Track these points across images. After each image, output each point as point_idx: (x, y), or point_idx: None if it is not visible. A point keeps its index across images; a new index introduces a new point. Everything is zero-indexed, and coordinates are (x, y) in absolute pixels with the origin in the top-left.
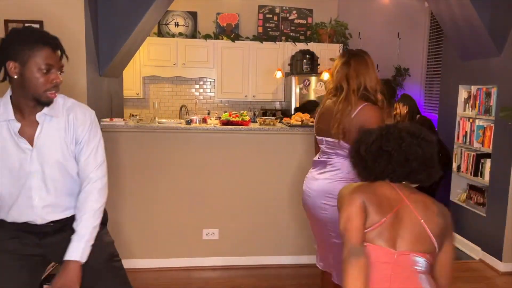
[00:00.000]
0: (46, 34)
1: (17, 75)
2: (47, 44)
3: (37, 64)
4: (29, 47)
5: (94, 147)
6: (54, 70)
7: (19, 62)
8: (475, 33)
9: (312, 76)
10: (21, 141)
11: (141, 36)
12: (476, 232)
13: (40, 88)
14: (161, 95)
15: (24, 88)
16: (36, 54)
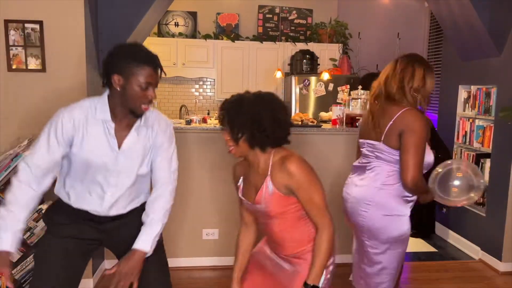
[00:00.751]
0: (150, 53)
1: (120, 87)
2: (150, 64)
3: (139, 81)
4: (135, 64)
5: (171, 153)
6: (151, 87)
7: (124, 77)
8: (475, 33)
9: (312, 76)
10: (112, 141)
11: (141, 36)
12: (476, 232)
13: (137, 102)
14: (161, 95)
15: (123, 99)
16: (140, 72)
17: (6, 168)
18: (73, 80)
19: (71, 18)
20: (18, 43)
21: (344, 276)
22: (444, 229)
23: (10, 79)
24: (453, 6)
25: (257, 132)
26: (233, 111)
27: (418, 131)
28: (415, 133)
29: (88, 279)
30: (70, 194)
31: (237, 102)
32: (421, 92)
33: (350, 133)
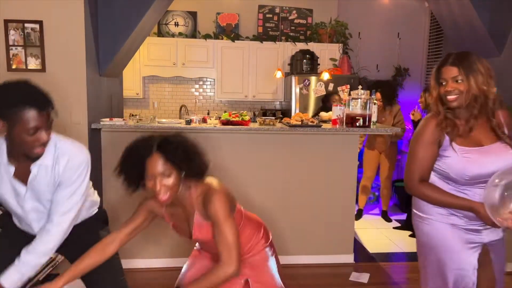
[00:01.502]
0: (34, 93)
1: (6, 132)
2: (33, 106)
3: (24, 127)
4: (15, 109)
5: (70, 192)
6: (41, 130)
7: (7, 122)
8: (475, 33)
9: (312, 76)
10: (15, 183)
11: (141, 36)
12: None
13: (28, 147)
14: (161, 95)
15: (13, 144)
16: (23, 117)
17: None
18: (73, 80)
19: (71, 18)
20: (18, 43)
21: (344, 276)
22: None
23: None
24: (453, 6)
25: (193, 166)
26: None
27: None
28: None
29: None
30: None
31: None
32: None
33: (350, 133)
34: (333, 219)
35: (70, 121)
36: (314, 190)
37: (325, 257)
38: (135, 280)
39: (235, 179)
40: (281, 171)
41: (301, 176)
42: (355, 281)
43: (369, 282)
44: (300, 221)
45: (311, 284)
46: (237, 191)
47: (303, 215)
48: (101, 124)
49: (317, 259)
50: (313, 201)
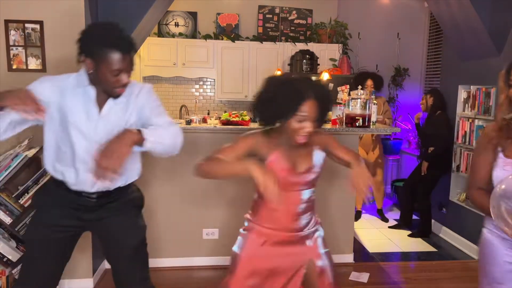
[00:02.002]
0: (121, 36)
1: (92, 70)
2: (119, 49)
3: (109, 68)
4: (104, 49)
5: (158, 110)
6: (123, 73)
7: (94, 61)
8: (475, 33)
9: (312, 76)
10: (92, 106)
11: (141, 36)
12: (476, 232)
13: (110, 86)
14: (161, 95)
15: (96, 81)
16: (109, 58)
17: (6, 168)
18: None
19: (71, 18)
20: (18, 43)
21: (344, 275)
22: (444, 229)
23: (10, 79)
24: (453, 6)
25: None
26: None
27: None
28: None
29: (88, 279)
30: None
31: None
32: None
33: (350, 133)
34: (332, 219)
35: None
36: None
37: None
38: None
39: (235, 179)
40: None
41: None
42: (355, 280)
43: (369, 281)
44: None
45: None
46: (237, 191)
47: None
48: None
49: None
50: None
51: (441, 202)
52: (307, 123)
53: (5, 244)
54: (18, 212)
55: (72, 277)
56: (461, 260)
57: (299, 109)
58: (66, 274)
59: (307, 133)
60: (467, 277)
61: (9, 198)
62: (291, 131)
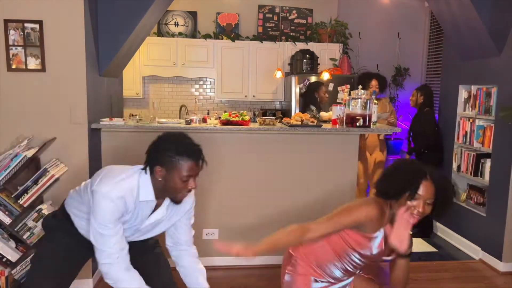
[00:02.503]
0: (193, 147)
1: (162, 178)
2: (192, 158)
3: (180, 175)
4: (177, 158)
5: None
6: (192, 179)
7: (166, 169)
8: (475, 33)
9: (312, 76)
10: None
11: (141, 35)
12: (476, 232)
13: (177, 192)
14: (161, 95)
15: (164, 188)
16: (182, 166)
17: (6, 168)
18: (73, 80)
19: (71, 18)
20: (17, 43)
21: None
22: (444, 229)
23: (10, 79)
24: (453, 6)
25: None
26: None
27: None
28: None
29: (88, 279)
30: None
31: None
32: None
33: (350, 133)
34: None
35: (70, 121)
36: (314, 189)
37: None
38: None
39: (235, 179)
40: (281, 171)
41: (301, 176)
42: None
43: None
44: (300, 220)
45: None
46: (237, 191)
47: (303, 214)
48: (101, 124)
49: None
50: (313, 200)
51: None
52: (420, 203)
53: (4, 245)
54: (18, 212)
55: None
56: (461, 260)
57: (419, 187)
58: None
59: (420, 215)
60: (467, 277)
61: (9, 198)
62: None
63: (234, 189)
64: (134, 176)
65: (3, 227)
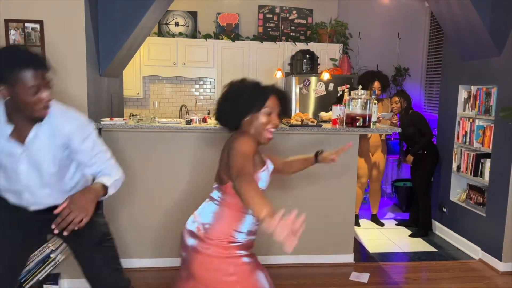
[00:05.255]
0: (28, 54)
1: (8, 96)
2: (29, 66)
3: (25, 87)
4: (13, 71)
5: (91, 147)
6: (41, 90)
7: (8, 85)
8: (475, 33)
9: (312, 76)
10: (11, 143)
11: (141, 35)
12: (476, 232)
13: (31, 107)
14: (161, 95)
15: (16, 106)
16: (22, 77)
17: None
18: (74, 80)
19: (72, 18)
20: (18, 43)
21: (344, 275)
22: (444, 229)
23: None
24: (453, 6)
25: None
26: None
27: None
28: None
29: None
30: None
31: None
32: None
33: (350, 133)
34: (333, 219)
35: None
36: (314, 189)
37: (325, 257)
38: (134, 280)
39: None
40: None
41: (301, 176)
42: (355, 281)
43: (369, 282)
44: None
45: (311, 284)
46: None
47: (303, 214)
48: (102, 123)
49: (317, 259)
50: (313, 200)
51: (441, 202)
52: (274, 115)
53: None
54: None
55: (72, 277)
56: (461, 260)
57: (266, 104)
58: (66, 274)
59: (276, 126)
60: (467, 277)
61: None
62: (260, 126)
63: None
64: None
65: None
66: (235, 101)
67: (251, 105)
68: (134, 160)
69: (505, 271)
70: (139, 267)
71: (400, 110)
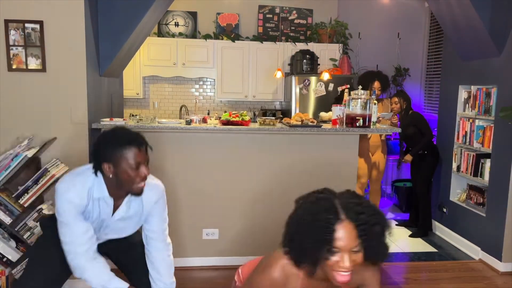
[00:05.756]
0: (132, 134)
1: (112, 174)
2: (133, 145)
3: (128, 164)
4: (120, 149)
5: (163, 216)
6: (142, 166)
7: (113, 163)
8: (475, 33)
9: (312, 76)
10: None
11: (141, 36)
12: (476, 232)
13: (132, 182)
14: (161, 95)
15: (118, 183)
16: (126, 155)
17: (6, 168)
18: (73, 80)
19: (71, 18)
20: (18, 43)
21: None
22: (444, 229)
23: (10, 79)
24: (453, 6)
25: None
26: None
27: None
28: None
29: None
30: None
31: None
32: None
33: (350, 133)
34: None
35: (71, 121)
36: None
37: None
38: None
39: (235, 179)
40: (281, 171)
41: (301, 176)
42: None
43: None
44: None
45: None
46: (237, 191)
47: None
48: (102, 124)
49: None
50: None
51: (441, 202)
52: (345, 256)
53: (4, 244)
54: (18, 212)
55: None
56: (461, 260)
57: (332, 240)
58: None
59: (347, 269)
60: (467, 277)
61: (9, 198)
62: (327, 267)
63: (234, 189)
64: (91, 176)
65: (4, 227)
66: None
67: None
68: None
69: (505, 271)
70: None
71: (400, 111)
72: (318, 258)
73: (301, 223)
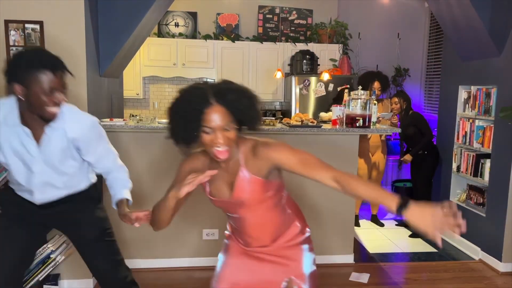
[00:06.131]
0: (48, 57)
1: (23, 96)
2: (48, 68)
3: (41, 88)
4: (32, 72)
5: (102, 150)
6: (56, 91)
7: (25, 85)
8: (475, 33)
9: (312, 76)
10: (29, 143)
11: (141, 36)
12: (476, 232)
13: (44, 107)
14: (161, 95)
15: (30, 106)
16: (39, 78)
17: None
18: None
19: (72, 18)
20: (18, 43)
21: (344, 276)
22: None
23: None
24: (453, 6)
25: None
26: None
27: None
28: None
29: (88, 279)
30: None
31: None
32: None
33: (350, 133)
34: (333, 219)
35: None
36: (314, 190)
37: (325, 257)
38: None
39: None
40: None
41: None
42: (355, 281)
43: (369, 282)
44: None
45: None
46: None
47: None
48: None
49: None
50: (313, 201)
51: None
52: (218, 133)
53: None
54: None
55: (72, 277)
56: (461, 260)
57: (204, 121)
58: (66, 274)
59: (221, 144)
60: (467, 278)
61: None
62: (207, 147)
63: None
64: (8, 103)
65: None
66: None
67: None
68: (134, 161)
69: (505, 271)
70: (141, 268)
71: (400, 111)
72: (191, 138)
73: (177, 110)
